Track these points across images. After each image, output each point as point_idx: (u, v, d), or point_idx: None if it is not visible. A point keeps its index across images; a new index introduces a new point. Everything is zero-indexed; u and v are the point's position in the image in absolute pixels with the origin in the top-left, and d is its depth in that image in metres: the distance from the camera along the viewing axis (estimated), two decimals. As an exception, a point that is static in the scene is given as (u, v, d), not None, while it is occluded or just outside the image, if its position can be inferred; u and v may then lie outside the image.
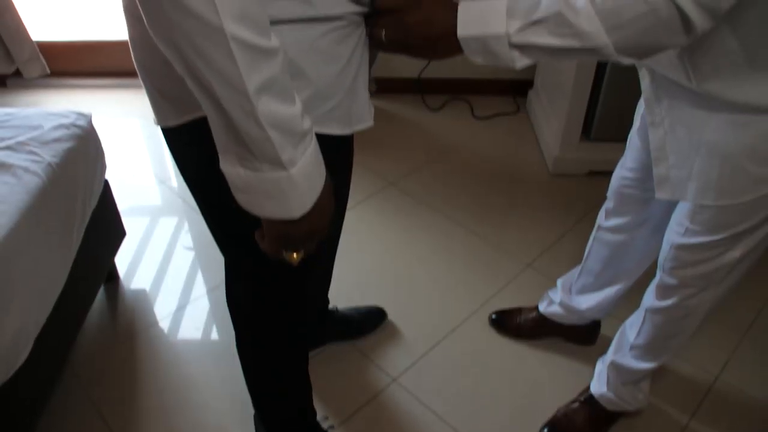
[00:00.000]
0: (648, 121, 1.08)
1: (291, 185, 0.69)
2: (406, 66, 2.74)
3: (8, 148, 1.41)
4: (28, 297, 1.27)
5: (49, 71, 2.83)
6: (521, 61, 0.81)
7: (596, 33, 0.75)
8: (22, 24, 2.68)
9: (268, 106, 0.62)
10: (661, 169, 1.08)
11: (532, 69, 2.75)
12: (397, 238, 2.10)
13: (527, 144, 2.59)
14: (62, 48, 2.99)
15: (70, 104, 2.87)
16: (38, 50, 2.78)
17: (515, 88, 2.84)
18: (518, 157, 2.51)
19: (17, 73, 2.83)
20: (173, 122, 0.83)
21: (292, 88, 0.66)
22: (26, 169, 1.35)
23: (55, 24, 3.56)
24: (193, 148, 0.85)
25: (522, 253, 2.02)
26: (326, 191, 0.74)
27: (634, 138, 1.27)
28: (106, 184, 1.71)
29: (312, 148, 0.70)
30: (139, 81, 0.84)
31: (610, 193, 1.39)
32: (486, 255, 2.02)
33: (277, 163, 0.66)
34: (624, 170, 1.32)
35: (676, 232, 1.13)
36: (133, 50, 0.82)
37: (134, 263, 2.00)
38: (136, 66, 0.83)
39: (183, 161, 0.92)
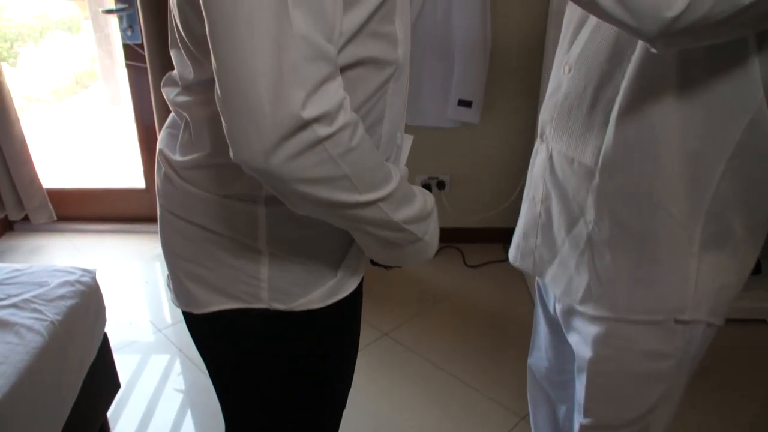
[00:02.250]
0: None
1: (427, 246, 0.85)
2: (400, 215, 2.85)
3: (14, 305, 1.46)
4: (18, 459, 1.27)
5: (55, 217, 2.95)
6: None
7: None
8: (37, 176, 2.83)
9: (407, 215, 0.77)
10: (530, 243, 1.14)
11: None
12: (391, 390, 2.09)
13: (518, 292, 2.65)
14: (69, 194, 3.12)
15: (74, 249, 2.95)
16: (47, 198, 2.91)
17: (505, 237, 2.94)
18: (510, 305, 2.56)
19: (25, 218, 2.94)
20: (199, 310, 0.87)
21: (411, 187, 0.80)
22: (29, 328, 1.39)
23: (63, 169, 3.74)
24: (225, 336, 0.89)
25: (516, 405, 2.01)
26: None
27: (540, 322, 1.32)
28: (105, 337, 1.74)
29: (435, 213, 0.86)
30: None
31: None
32: (480, 407, 2.01)
33: (417, 240, 0.82)
34: (534, 359, 1.36)
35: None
36: (162, 235, 0.89)
37: (122, 404, 1.98)
38: (163, 250, 0.90)
39: (208, 346, 0.96)
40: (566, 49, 0.99)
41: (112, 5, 2.68)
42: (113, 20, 3.12)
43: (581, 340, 1.06)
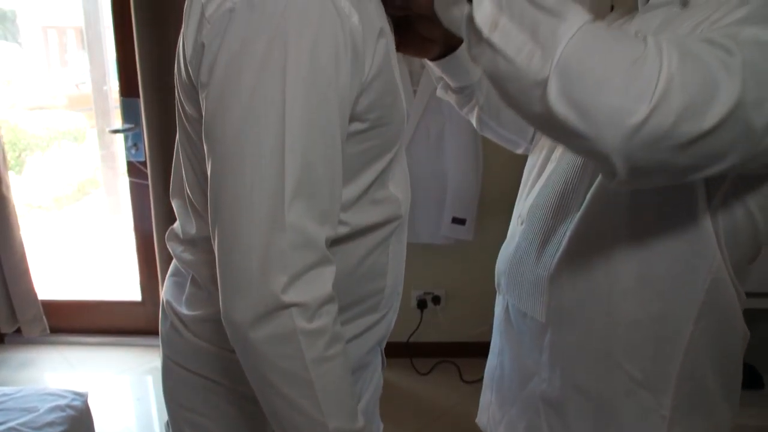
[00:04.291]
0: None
1: None
2: (395, 330, 2.84)
3: (-1, 434, 1.43)
4: None
5: (48, 331, 2.92)
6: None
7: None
8: (33, 288, 2.83)
9: None
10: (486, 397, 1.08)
11: (516, 333, 2.85)
12: None
13: (516, 410, 2.59)
14: (63, 306, 3.09)
15: (66, 362, 2.91)
16: (42, 311, 2.89)
17: (502, 351, 2.92)
18: (507, 424, 2.50)
19: (17, 330, 2.91)
20: None
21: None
22: (14, 460, 1.36)
23: (59, 279, 3.75)
24: None
25: None
26: None
27: None
28: (91, 463, 1.69)
29: None
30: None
31: None
32: None
33: None
34: None
35: None
36: (165, 385, 0.90)
37: None
38: (165, 399, 0.90)
39: None
40: (523, 199, 0.99)
41: (118, 122, 2.79)
42: (118, 138, 3.23)
43: None
